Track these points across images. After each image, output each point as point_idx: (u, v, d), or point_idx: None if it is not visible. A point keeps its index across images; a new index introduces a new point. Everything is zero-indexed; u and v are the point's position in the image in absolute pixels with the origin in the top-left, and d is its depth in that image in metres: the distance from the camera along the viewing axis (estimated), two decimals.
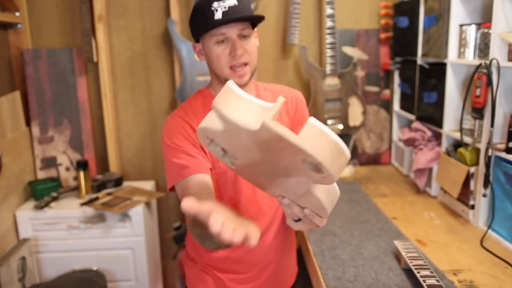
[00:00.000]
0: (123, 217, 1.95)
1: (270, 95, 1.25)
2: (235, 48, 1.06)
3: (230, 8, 1.05)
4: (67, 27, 2.21)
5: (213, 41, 1.07)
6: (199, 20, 1.07)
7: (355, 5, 2.28)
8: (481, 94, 1.40)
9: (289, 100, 1.26)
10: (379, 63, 2.30)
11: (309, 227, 0.87)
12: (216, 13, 1.04)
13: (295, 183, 0.79)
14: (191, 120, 1.12)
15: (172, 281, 2.49)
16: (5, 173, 1.85)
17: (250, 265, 1.24)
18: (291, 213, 0.85)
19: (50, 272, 1.97)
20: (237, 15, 1.05)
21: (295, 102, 1.28)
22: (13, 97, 2.02)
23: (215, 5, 1.04)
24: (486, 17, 1.65)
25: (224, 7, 1.04)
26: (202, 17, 1.06)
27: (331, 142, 0.67)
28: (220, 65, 1.09)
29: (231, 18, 1.04)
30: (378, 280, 1.12)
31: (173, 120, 1.13)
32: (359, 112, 2.25)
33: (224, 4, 1.04)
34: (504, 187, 1.36)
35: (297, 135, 0.66)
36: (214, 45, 1.07)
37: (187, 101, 1.20)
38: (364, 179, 2.07)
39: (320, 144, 0.66)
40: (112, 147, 2.25)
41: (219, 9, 1.04)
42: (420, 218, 1.58)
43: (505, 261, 1.23)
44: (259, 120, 0.70)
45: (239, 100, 0.75)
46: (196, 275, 1.28)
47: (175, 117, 1.14)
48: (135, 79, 2.28)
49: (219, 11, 1.04)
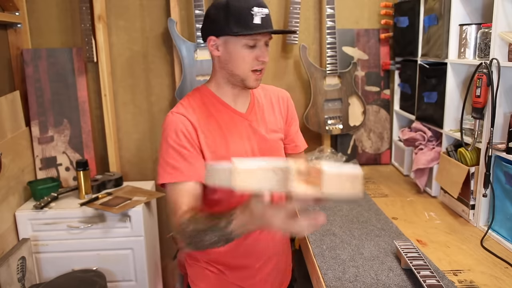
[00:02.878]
0: (123, 217, 1.95)
1: (263, 95, 1.30)
2: (264, 55, 1.11)
3: (267, 16, 1.10)
4: (67, 27, 2.21)
5: (242, 43, 1.09)
6: (236, 20, 1.07)
7: (355, 5, 2.28)
8: (481, 94, 1.39)
9: (280, 99, 1.32)
10: (379, 63, 2.30)
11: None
12: (256, 17, 1.07)
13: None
14: (191, 116, 1.13)
15: (172, 281, 2.49)
16: (5, 173, 1.85)
17: (255, 257, 1.26)
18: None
19: (50, 272, 1.97)
20: (272, 25, 1.11)
21: (285, 101, 1.33)
22: (13, 97, 2.01)
23: (255, 10, 1.07)
24: (486, 17, 1.65)
25: (262, 14, 1.08)
26: (240, 17, 1.07)
27: (349, 177, 0.84)
28: (243, 67, 1.12)
29: (277, 30, 1.12)
30: (378, 280, 1.12)
31: (174, 117, 1.14)
32: (359, 112, 2.25)
33: (262, 11, 1.08)
34: (504, 187, 1.36)
35: (322, 190, 0.78)
36: (242, 47, 1.10)
37: (185, 98, 1.21)
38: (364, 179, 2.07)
39: (342, 185, 0.82)
40: (112, 147, 2.25)
41: (259, 14, 1.07)
42: (420, 218, 1.58)
43: (505, 261, 1.23)
44: (281, 184, 0.79)
45: (254, 173, 0.81)
46: (198, 273, 1.29)
47: (175, 114, 1.14)
48: (135, 79, 2.28)
49: (258, 17, 1.07)
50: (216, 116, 1.17)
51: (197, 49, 2.12)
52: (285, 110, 1.33)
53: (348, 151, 2.33)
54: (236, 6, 1.07)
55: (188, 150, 1.10)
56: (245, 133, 1.20)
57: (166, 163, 1.11)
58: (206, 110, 1.17)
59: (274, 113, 1.29)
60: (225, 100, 1.20)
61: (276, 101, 1.31)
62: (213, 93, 1.20)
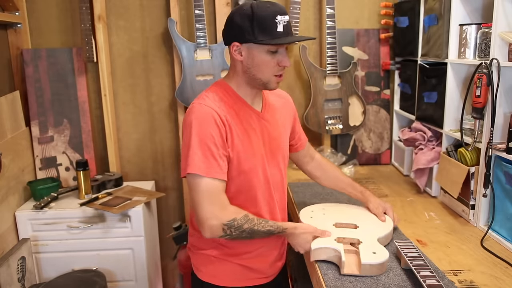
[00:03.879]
0: (123, 217, 1.95)
1: (271, 96, 1.36)
2: (286, 60, 1.17)
3: (288, 22, 1.14)
4: (67, 27, 2.21)
5: (266, 49, 1.14)
6: (262, 29, 1.12)
7: (355, 5, 2.28)
8: (481, 94, 1.39)
9: (285, 100, 1.41)
10: (379, 63, 2.30)
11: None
12: (279, 26, 1.12)
13: None
14: (219, 109, 1.17)
15: (172, 281, 2.49)
16: (5, 173, 1.85)
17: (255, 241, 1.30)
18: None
19: (49, 272, 1.97)
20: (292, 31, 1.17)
21: (288, 102, 1.42)
22: (13, 97, 2.02)
23: (278, 18, 1.12)
24: (486, 17, 1.65)
25: (284, 22, 1.13)
26: (265, 25, 1.12)
27: (379, 265, 1.14)
28: (267, 72, 1.17)
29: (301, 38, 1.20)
30: (378, 280, 1.12)
31: (203, 109, 1.15)
32: (359, 112, 2.25)
33: (284, 19, 1.14)
34: (504, 187, 1.36)
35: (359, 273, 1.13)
36: (266, 53, 1.15)
37: (212, 90, 1.23)
38: (364, 179, 2.07)
39: (372, 271, 1.14)
40: (111, 147, 2.25)
41: (282, 22, 1.13)
42: (420, 218, 1.58)
43: (506, 261, 1.23)
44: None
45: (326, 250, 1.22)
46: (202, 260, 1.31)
47: (204, 106, 1.16)
48: (135, 79, 2.28)
49: (281, 25, 1.13)
50: (238, 112, 1.21)
51: (197, 49, 2.12)
52: (291, 109, 1.42)
53: (348, 151, 2.33)
54: (261, 15, 1.12)
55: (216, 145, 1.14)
56: (259, 131, 1.25)
57: (197, 156, 1.12)
58: (232, 105, 1.22)
59: (282, 113, 1.36)
60: (245, 99, 1.24)
61: (283, 102, 1.39)
62: (234, 91, 1.24)
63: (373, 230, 1.30)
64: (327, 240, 1.22)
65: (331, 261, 1.21)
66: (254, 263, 1.30)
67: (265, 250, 1.32)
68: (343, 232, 1.28)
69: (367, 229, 1.30)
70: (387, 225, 1.36)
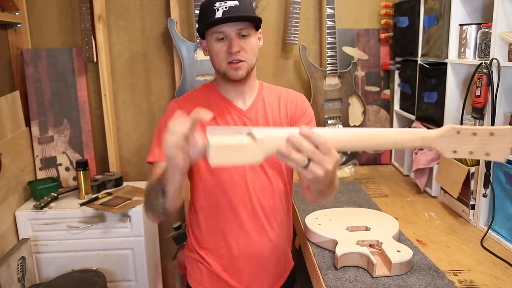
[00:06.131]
0: (123, 217, 1.95)
1: (273, 95, 1.30)
2: (231, 45, 1.14)
3: (231, 8, 1.13)
4: (67, 27, 2.21)
5: (214, 38, 1.16)
6: (202, 18, 1.16)
7: (355, 5, 2.28)
8: (481, 94, 1.39)
9: (288, 100, 1.31)
10: (379, 63, 2.30)
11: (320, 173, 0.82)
12: (217, 12, 1.12)
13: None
14: (187, 108, 1.16)
15: (172, 281, 2.49)
16: (5, 173, 1.85)
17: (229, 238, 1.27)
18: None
19: (50, 272, 1.97)
20: (235, 15, 1.12)
21: (295, 101, 1.32)
22: (13, 97, 2.01)
23: (217, 5, 1.12)
24: (486, 17, 1.65)
25: (225, 7, 1.12)
26: (205, 15, 1.15)
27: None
28: (219, 61, 1.17)
29: (228, 17, 1.12)
30: (378, 280, 1.12)
31: (170, 105, 1.25)
32: (359, 112, 2.25)
33: (226, 4, 1.12)
34: (504, 187, 1.36)
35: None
36: (214, 42, 1.16)
37: (193, 90, 1.30)
38: (364, 179, 2.07)
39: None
40: (111, 147, 2.25)
41: (220, 8, 1.12)
42: (420, 218, 1.58)
43: (506, 261, 1.23)
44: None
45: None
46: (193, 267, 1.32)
47: (173, 103, 1.26)
48: (135, 79, 2.28)
49: (220, 11, 1.12)
50: (213, 108, 1.22)
51: (197, 49, 2.12)
52: (293, 109, 1.29)
53: (348, 151, 2.33)
54: (202, 7, 1.16)
55: None
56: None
57: (154, 144, 1.22)
58: (206, 102, 1.24)
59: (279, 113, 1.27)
60: (226, 96, 1.25)
61: (284, 103, 1.30)
62: (216, 89, 1.27)
63: (385, 229, 1.31)
64: (350, 245, 1.20)
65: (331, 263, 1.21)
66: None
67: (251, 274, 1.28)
68: (359, 235, 1.27)
69: (379, 230, 1.31)
70: (394, 223, 1.38)
